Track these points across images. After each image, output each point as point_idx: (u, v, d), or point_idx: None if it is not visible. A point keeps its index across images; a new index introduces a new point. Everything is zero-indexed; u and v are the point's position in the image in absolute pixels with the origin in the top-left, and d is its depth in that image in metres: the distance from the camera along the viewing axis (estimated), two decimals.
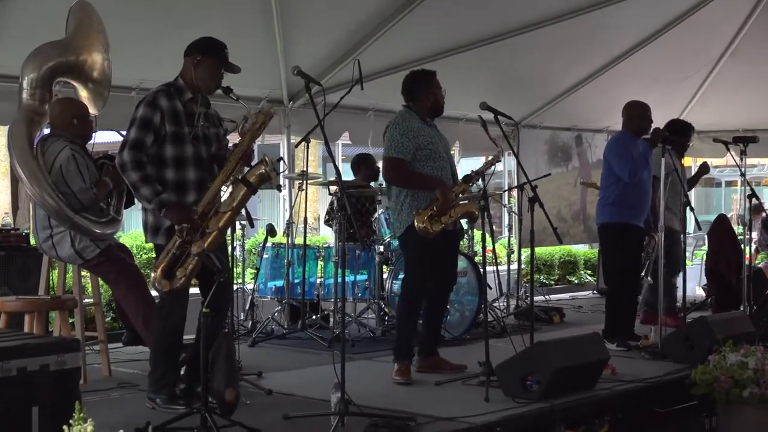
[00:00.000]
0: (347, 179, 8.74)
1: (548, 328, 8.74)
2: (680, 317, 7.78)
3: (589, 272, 13.21)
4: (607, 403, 5.77)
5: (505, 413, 5.19)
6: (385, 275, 8.16)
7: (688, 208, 7.78)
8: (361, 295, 8.22)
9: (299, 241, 8.32)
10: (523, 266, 10.32)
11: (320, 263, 8.40)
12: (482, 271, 7.82)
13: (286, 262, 8.06)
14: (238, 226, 7.60)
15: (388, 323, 8.08)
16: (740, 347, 6.08)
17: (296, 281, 8.14)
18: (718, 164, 20.00)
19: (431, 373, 6.26)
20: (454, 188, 6.23)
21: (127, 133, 5.10)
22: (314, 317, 8.14)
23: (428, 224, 6.04)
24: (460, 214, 6.18)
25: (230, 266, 5.77)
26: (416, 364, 6.38)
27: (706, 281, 9.60)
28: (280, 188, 5.04)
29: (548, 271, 12.77)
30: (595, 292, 11.92)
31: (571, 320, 9.39)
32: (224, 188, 5.15)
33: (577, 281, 13.09)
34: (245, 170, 5.16)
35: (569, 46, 10.04)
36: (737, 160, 8.38)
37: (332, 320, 8.03)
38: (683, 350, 6.77)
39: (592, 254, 13.23)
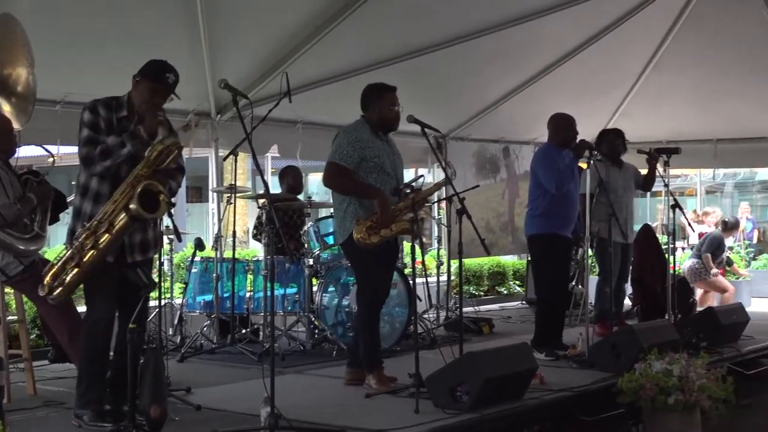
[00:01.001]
0: (275, 192, 8.75)
1: (478, 338, 8.82)
2: (610, 325, 7.89)
3: (518, 283, 13.36)
4: (535, 412, 5.85)
5: (434, 424, 5.23)
6: (314, 288, 8.16)
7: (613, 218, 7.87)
8: (290, 308, 8.22)
9: (228, 254, 8.28)
10: (452, 278, 10.39)
11: (249, 277, 8.37)
12: (412, 282, 7.87)
13: (215, 276, 8.02)
14: (165, 240, 7.55)
15: (318, 336, 8.08)
16: (665, 355, 6.20)
17: (225, 295, 8.10)
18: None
19: (361, 385, 6.27)
20: (398, 204, 6.23)
21: (78, 135, 5.12)
22: (244, 331, 8.10)
23: (366, 235, 6.05)
24: (400, 229, 6.17)
25: (158, 281, 5.74)
26: (346, 376, 6.40)
27: (632, 290, 9.77)
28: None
29: (478, 282, 12.88)
30: (524, 302, 12.07)
31: (500, 331, 9.49)
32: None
33: (506, 292, 13.22)
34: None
35: (496, 58, 10.16)
36: (660, 170, 8.55)
37: (262, 334, 8.01)
38: (610, 359, 6.88)
39: (520, 265, 13.37)
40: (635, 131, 9.53)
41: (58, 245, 10.13)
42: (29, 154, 7.71)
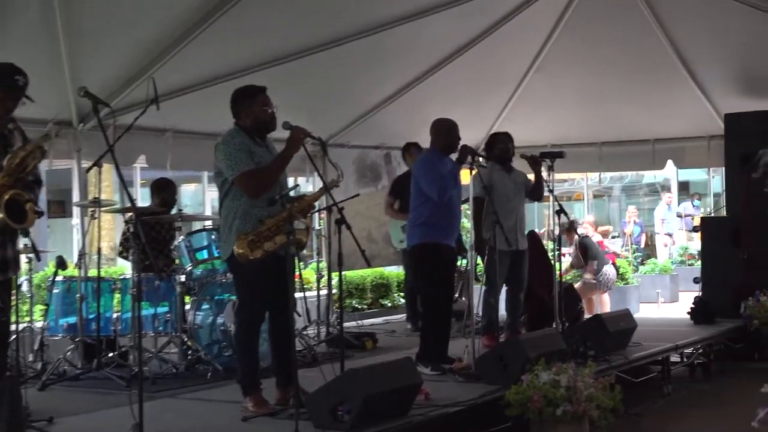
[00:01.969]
0: (144, 205, 8.61)
1: (361, 354, 8.85)
2: (496, 336, 7.99)
3: (402, 294, 13.43)
4: (420, 429, 5.87)
5: None
6: (187, 306, 8.07)
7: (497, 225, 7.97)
8: (161, 328, 8.11)
9: (93, 273, 8.12)
10: (333, 291, 10.40)
11: (117, 296, 8.21)
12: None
13: (78, 296, 7.85)
14: (24, 259, 7.36)
15: (191, 358, 7.98)
16: (552, 365, 6.31)
17: (91, 317, 7.95)
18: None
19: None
20: (281, 213, 6.14)
21: None
22: (111, 355, 7.94)
23: (248, 250, 5.97)
24: (284, 241, 6.09)
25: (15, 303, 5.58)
26: (275, 396, 6.29)
27: None
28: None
29: (360, 295, 12.93)
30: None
31: (384, 345, 9.52)
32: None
33: (390, 304, 13.31)
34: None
35: (377, 61, 10.22)
36: (545, 175, 8.72)
37: (131, 357, 7.86)
38: (497, 371, 6.95)
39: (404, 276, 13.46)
40: (519, 135, 9.67)
41: None
42: None
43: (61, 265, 7.91)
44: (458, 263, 9.68)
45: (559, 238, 8.69)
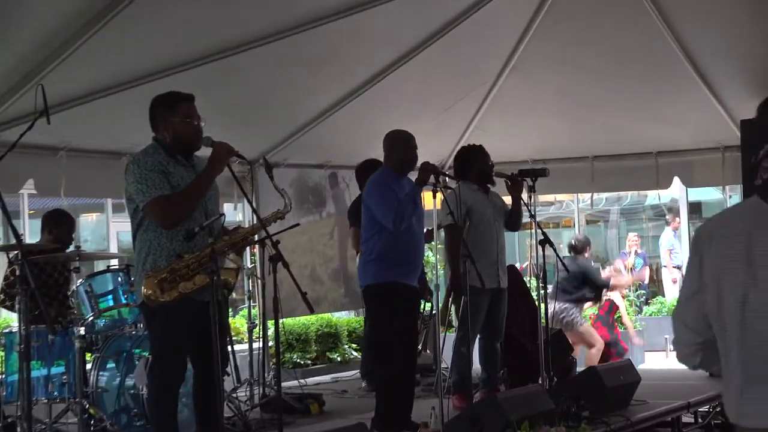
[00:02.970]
0: (32, 242, 8.57)
1: (304, 421, 8.83)
2: (469, 395, 8.01)
3: (354, 346, 13.44)
4: None
5: None
6: (88, 366, 8.02)
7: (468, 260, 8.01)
8: (57, 393, 8.05)
9: None
10: (270, 343, 10.38)
11: (0, 354, 8.16)
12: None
13: None
14: None
15: (94, 428, 7.93)
16: (538, 429, 6.35)
17: None
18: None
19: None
20: (217, 242, 6.16)
21: None
22: None
23: (157, 291, 5.96)
24: (204, 283, 6.08)
25: None
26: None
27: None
28: None
29: (303, 347, 12.92)
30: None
31: (333, 408, 9.51)
32: None
33: (340, 358, 13.29)
34: None
35: (317, 62, 10.20)
36: (525, 198, 8.76)
37: (19, 430, 7.80)
38: None
39: (357, 323, 13.48)
40: (493, 149, 9.65)
41: None
42: None
43: None
44: (421, 308, 9.71)
45: (544, 273, 8.73)
